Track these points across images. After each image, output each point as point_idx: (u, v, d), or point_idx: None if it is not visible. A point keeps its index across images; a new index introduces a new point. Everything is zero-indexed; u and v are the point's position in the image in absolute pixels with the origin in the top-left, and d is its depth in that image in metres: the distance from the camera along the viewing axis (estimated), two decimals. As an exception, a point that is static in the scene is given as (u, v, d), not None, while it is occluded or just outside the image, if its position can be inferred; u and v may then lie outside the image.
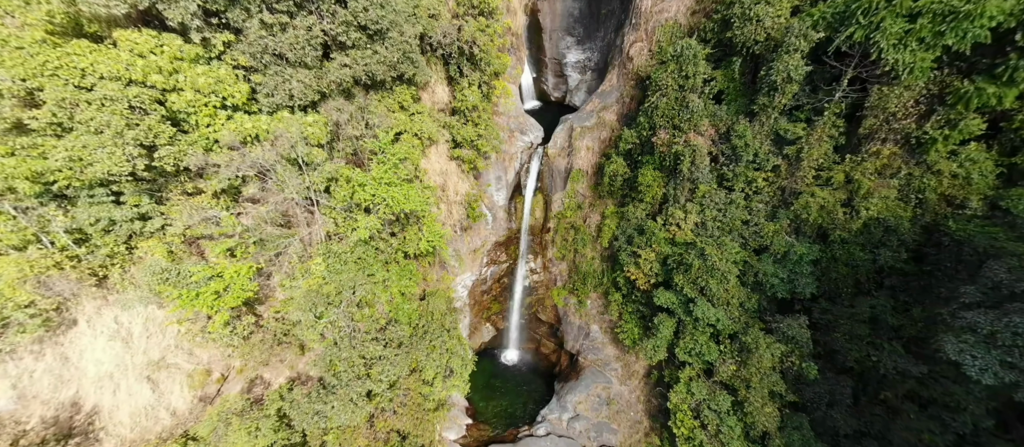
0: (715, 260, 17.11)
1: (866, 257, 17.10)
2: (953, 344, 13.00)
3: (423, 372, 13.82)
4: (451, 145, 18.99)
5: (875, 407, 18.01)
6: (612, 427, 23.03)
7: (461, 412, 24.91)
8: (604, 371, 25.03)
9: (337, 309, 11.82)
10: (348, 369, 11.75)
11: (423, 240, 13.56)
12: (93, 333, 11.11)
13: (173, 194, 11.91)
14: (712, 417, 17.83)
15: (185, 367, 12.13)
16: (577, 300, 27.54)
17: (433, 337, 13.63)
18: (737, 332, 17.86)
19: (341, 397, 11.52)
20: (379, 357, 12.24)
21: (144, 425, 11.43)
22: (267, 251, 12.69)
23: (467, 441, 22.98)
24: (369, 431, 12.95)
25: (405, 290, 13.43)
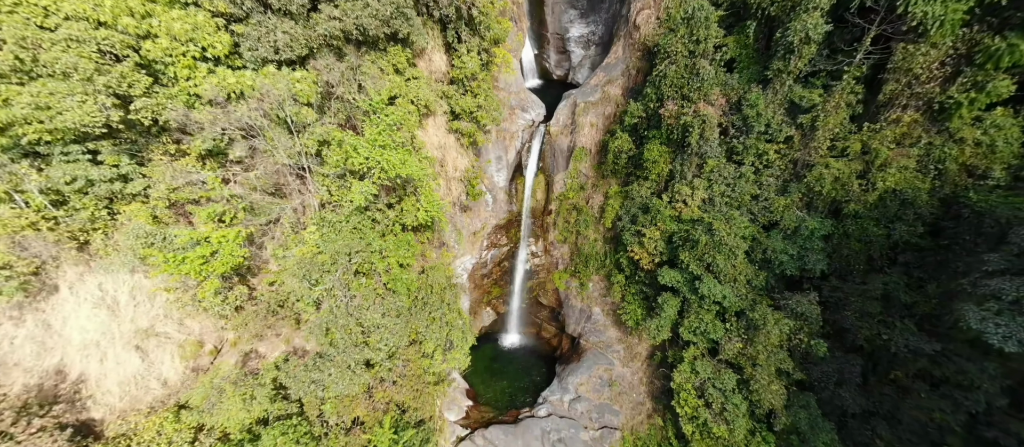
0: (723, 235, 16.56)
1: (880, 232, 16.52)
2: (975, 313, 12.51)
3: (423, 344, 13.46)
4: (449, 117, 18.29)
5: (884, 387, 17.66)
6: (614, 408, 22.85)
7: (461, 394, 24.77)
8: (606, 353, 24.76)
9: (332, 276, 11.38)
10: (345, 336, 11.36)
11: (421, 210, 13.04)
12: (76, 300, 10.73)
13: (155, 155, 11.36)
14: (717, 395, 17.53)
15: (176, 337, 11.78)
16: (579, 283, 27.14)
17: (433, 309, 13.23)
18: (744, 309, 17.42)
19: (338, 364, 11.17)
20: (377, 326, 11.85)
21: (134, 394, 11.12)
22: (257, 218, 12.20)
23: (467, 422, 22.85)
24: (368, 401, 12.66)
25: (403, 261, 12.99)
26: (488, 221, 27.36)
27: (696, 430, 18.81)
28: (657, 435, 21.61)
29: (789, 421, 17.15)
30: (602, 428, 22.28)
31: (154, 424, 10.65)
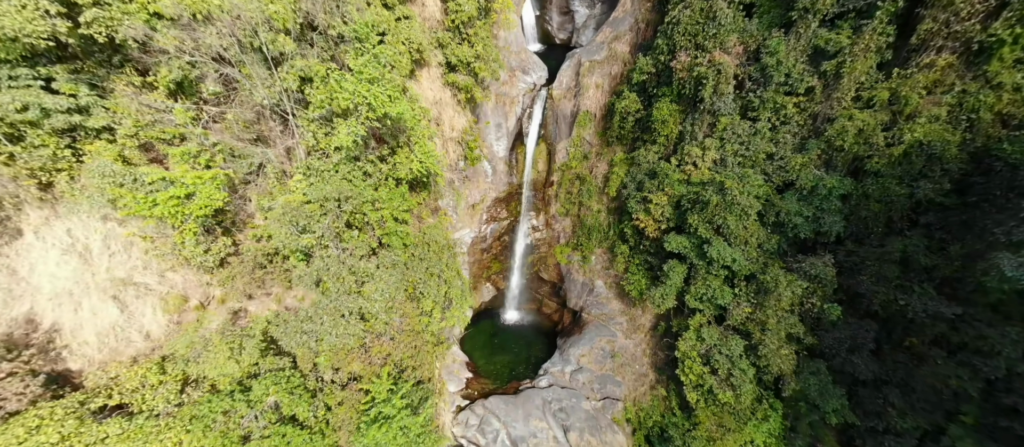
0: (735, 194, 15.64)
1: (902, 192, 15.58)
2: (1011, 261, 11.70)
3: (420, 302, 12.82)
4: (445, 69, 17.13)
5: (898, 354, 17.07)
6: (616, 379, 22.49)
7: (461, 367, 24.44)
8: (609, 325, 24.26)
9: (322, 225, 10.62)
10: (337, 284, 10.68)
11: (414, 161, 12.16)
12: (44, 246, 10.05)
13: (118, 85, 10.40)
14: (723, 362, 16.99)
15: (157, 289, 11.14)
16: (581, 256, 26.43)
17: (430, 265, 12.53)
18: (755, 273, 16.66)
19: (330, 311, 10.53)
20: (371, 275, 11.17)
21: (113, 346, 10.55)
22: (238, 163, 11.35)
23: (467, 393, 22.58)
24: (364, 356, 12.10)
25: (398, 214, 12.20)
26: (487, 193, 26.45)
27: (701, 398, 18.40)
28: (660, 406, 21.28)
29: (798, 387, 16.66)
30: (604, 399, 21.97)
31: (137, 374, 10.11)
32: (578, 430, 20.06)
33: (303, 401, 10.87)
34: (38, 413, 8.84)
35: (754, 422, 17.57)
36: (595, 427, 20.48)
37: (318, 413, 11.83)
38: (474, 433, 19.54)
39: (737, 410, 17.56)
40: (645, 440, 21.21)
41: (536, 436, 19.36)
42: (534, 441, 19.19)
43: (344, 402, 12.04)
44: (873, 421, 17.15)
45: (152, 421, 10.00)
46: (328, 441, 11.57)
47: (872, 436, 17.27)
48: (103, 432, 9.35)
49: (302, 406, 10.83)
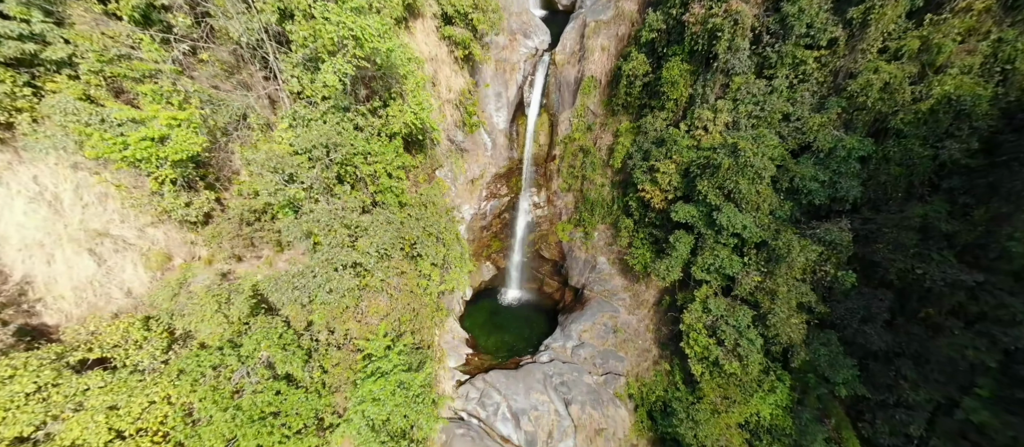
0: (749, 155, 14.76)
1: (926, 153, 14.69)
2: None
3: (418, 263, 12.17)
4: (440, 21, 16.07)
5: (913, 326, 16.46)
6: (619, 355, 22.05)
7: (461, 343, 24.05)
8: (611, 301, 23.71)
9: (310, 174, 9.87)
10: (329, 236, 9.99)
11: (408, 113, 11.29)
12: (8, 193, 9.39)
13: (76, 12, 9.49)
14: (730, 332, 16.41)
15: (137, 244, 10.50)
16: (583, 232, 25.72)
17: (428, 224, 11.82)
18: (766, 240, 15.91)
19: (323, 264, 9.86)
20: (365, 229, 10.46)
21: (92, 301, 9.97)
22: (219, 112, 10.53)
23: (468, 369, 22.21)
24: (359, 314, 11.52)
25: (391, 169, 11.42)
26: (487, 168, 25.58)
27: (705, 370, 17.92)
28: (663, 381, 20.86)
29: (807, 357, 16.11)
30: (606, 374, 21.57)
31: (118, 328, 9.56)
32: (580, 403, 19.71)
33: (297, 359, 10.31)
34: (11, 363, 8.33)
35: (760, 394, 17.11)
36: (597, 401, 20.12)
37: (314, 374, 11.33)
38: (474, 406, 19.22)
39: (743, 382, 17.09)
40: (647, 416, 20.88)
41: (537, 409, 19.02)
42: (535, 413, 18.85)
43: (340, 363, 11.53)
44: (884, 394, 16.67)
45: (137, 376, 9.49)
46: (325, 401, 11.09)
47: (882, 409, 16.82)
48: (83, 383, 8.86)
49: (296, 364, 10.27)
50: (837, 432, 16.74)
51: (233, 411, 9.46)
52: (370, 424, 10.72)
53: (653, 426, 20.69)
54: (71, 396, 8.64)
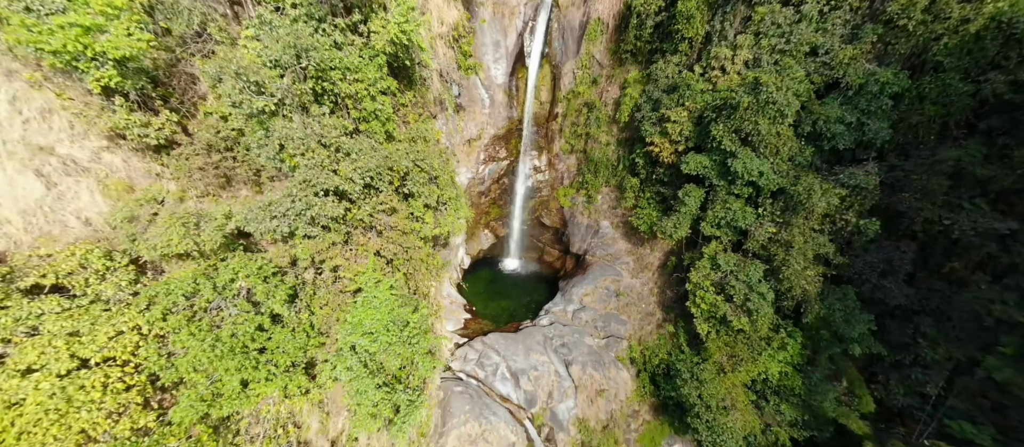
0: (772, 90, 13.43)
1: (966, 89, 13.30)
2: None
3: (410, 202, 11.13)
4: (432, -58, 14.47)
5: (935, 281, 15.49)
6: (621, 318, 21.32)
7: (459, 308, 23.38)
8: (614, 265, 22.84)
9: (281, 85, 8.72)
10: (306, 154, 8.92)
11: (391, 25, 10.01)
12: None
13: None
14: (739, 288, 15.50)
15: (93, 169, 9.49)
16: (586, 197, 24.60)
17: (418, 157, 10.71)
18: (783, 187, 14.74)
19: (301, 186, 8.81)
20: (347, 154, 9.39)
21: (44, 228, 9.05)
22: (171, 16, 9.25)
23: (466, 333, 21.58)
24: (348, 252, 10.58)
25: (374, 91, 10.19)
26: (485, 129, 24.23)
27: (712, 329, 17.13)
28: (667, 343, 20.16)
29: (821, 312, 15.19)
30: (608, 337, 20.88)
31: (75, 254, 8.66)
32: (581, 364, 19.09)
33: (281, 293, 9.43)
34: (-55, 282, 7.52)
35: (769, 352, 16.34)
36: (598, 362, 19.49)
37: (301, 316, 10.49)
38: (473, 367, 18.64)
39: (751, 339, 16.30)
40: (649, 381, 20.27)
41: (537, 369, 18.43)
42: (535, 373, 18.27)
43: (329, 304, 10.70)
44: (900, 354, 15.88)
45: (100, 305, 8.64)
46: (314, 342, 10.28)
47: (897, 369, 16.08)
48: (37, 308, 8.05)
49: (279, 299, 9.40)
50: (850, 391, 16.03)
51: (211, 341, 8.64)
52: (362, 360, 9.95)
53: (655, 391, 20.12)
54: (23, 319, 7.85)
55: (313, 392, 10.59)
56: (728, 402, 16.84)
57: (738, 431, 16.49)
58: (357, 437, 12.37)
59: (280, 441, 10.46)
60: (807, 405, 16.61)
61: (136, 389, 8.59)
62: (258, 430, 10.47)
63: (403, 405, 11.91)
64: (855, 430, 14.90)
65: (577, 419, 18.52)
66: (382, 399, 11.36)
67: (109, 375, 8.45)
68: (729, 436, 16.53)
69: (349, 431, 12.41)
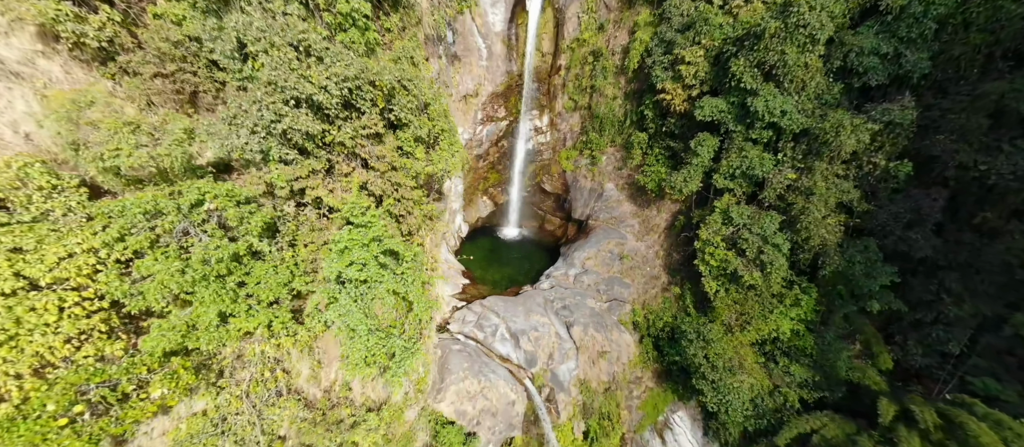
0: (804, 11, 12.01)
1: (1018, 11, 11.85)
2: None
3: (398, 133, 9.98)
4: None
5: (965, 233, 14.45)
6: (625, 282, 20.51)
7: (457, 274, 22.56)
8: (618, 228, 21.87)
9: None
10: (270, 52, 7.70)
11: None
12: None
13: None
14: (753, 241, 14.53)
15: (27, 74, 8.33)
16: (590, 158, 23.37)
17: (405, 76, 9.49)
18: (808, 128, 13.51)
19: (268, 91, 7.64)
20: (319, 58, 8.15)
21: (-26, 140, 7.99)
22: None
23: (464, 297, 20.83)
24: (331, 183, 9.52)
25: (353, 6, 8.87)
26: (483, 84, 22.76)
27: (721, 287, 16.29)
28: (672, 307, 19.40)
29: (840, 265, 14.22)
30: (611, 300, 20.13)
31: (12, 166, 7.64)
32: (582, 325, 18.39)
33: (257, 220, 8.44)
34: None
35: (781, 309, 15.52)
36: (600, 324, 18.80)
37: (284, 255, 9.55)
38: (471, 328, 17.95)
39: (763, 296, 15.45)
40: (653, 346, 19.59)
41: (537, 330, 17.73)
42: (535, 334, 17.58)
43: (313, 242, 9.75)
44: (921, 312, 15.03)
45: (47, 223, 7.69)
46: (300, 281, 9.38)
47: (916, 329, 15.26)
48: (-34, 221, 7.13)
49: (255, 225, 8.41)
50: (866, 351, 15.26)
51: (180, 266, 7.72)
52: (352, 296, 9.08)
53: (659, 357, 19.48)
54: (-49, 232, 6.93)
55: (301, 334, 9.80)
56: (735, 362, 16.16)
57: (745, 392, 15.86)
58: (351, 386, 11.70)
59: (268, 384, 9.77)
60: (819, 365, 15.91)
61: (99, 316, 7.76)
62: (244, 374, 9.76)
63: (398, 351, 11.14)
64: (871, 385, 14.19)
65: (578, 380, 17.96)
66: (376, 344, 10.59)
67: (65, 299, 7.59)
68: (735, 396, 15.92)
69: (342, 379, 11.74)
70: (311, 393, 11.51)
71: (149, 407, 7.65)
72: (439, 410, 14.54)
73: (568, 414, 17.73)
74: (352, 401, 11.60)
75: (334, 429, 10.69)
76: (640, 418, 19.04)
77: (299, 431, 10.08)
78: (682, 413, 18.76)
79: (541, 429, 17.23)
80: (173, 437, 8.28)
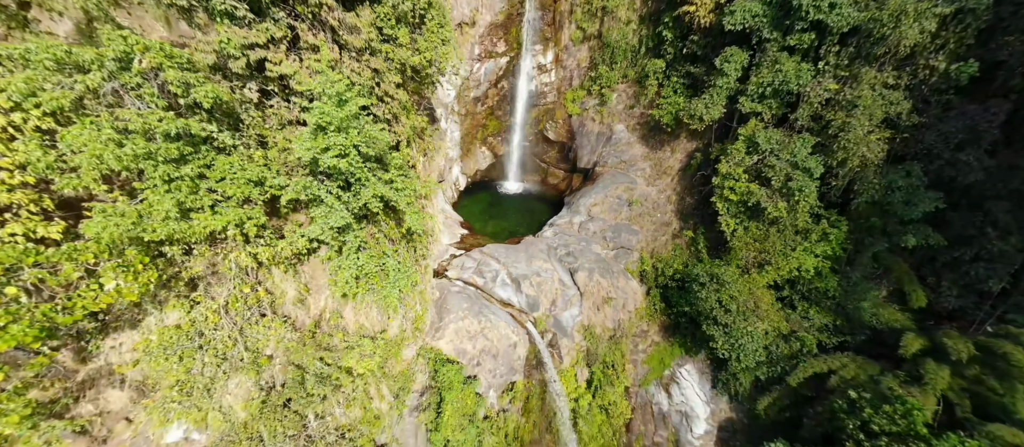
0: None
1: None
2: None
3: (375, 8, 8.51)
4: None
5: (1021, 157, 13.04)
6: (633, 229, 19.52)
7: (455, 224, 21.69)
8: (628, 173, 20.62)
9: None
10: None
11: None
12: None
13: None
14: (780, 167, 13.28)
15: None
16: (599, 98, 21.72)
17: None
18: (858, 24, 11.82)
19: None
20: None
21: None
22: None
23: (462, 246, 20.03)
24: (294, 58, 8.26)
25: None
26: (481, 11, 20.82)
27: (739, 225, 15.24)
28: (683, 254, 18.49)
29: (878, 192, 12.98)
30: (618, 248, 19.23)
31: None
32: (587, 270, 17.62)
33: (206, 91, 7.24)
34: None
35: (805, 246, 14.47)
36: (606, 270, 18.01)
37: (253, 153, 8.49)
38: (471, 275, 17.22)
39: (786, 231, 14.38)
40: (660, 298, 18.85)
41: (540, 275, 16.99)
42: (537, 279, 16.86)
43: (284, 140, 8.66)
44: (960, 249, 13.88)
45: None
46: (272, 182, 8.29)
47: (953, 268, 14.19)
48: None
49: (205, 95, 7.26)
50: (897, 289, 14.30)
51: (117, 137, 6.67)
52: (335, 194, 8.04)
53: (666, 309, 18.79)
54: None
55: (282, 247, 8.91)
56: (751, 304, 15.37)
57: (759, 337, 15.16)
58: (342, 314, 11.07)
59: (248, 301, 9.10)
60: (841, 309, 15.09)
61: (25, 193, 6.72)
62: (221, 291, 9.06)
63: (392, 270, 10.32)
64: (896, 324, 13.38)
65: (582, 326, 17.43)
66: (367, 260, 9.75)
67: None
68: (749, 340, 15.24)
69: (333, 308, 11.10)
70: (299, 319, 10.92)
71: (104, 297, 6.94)
72: (438, 347, 14.08)
73: (571, 360, 17.35)
74: (345, 329, 11.03)
75: (325, 353, 10.15)
76: (645, 373, 18.68)
77: (287, 350, 9.56)
78: (689, 366, 18.31)
79: (543, 374, 16.90)
80: (143, 346, 7.69)
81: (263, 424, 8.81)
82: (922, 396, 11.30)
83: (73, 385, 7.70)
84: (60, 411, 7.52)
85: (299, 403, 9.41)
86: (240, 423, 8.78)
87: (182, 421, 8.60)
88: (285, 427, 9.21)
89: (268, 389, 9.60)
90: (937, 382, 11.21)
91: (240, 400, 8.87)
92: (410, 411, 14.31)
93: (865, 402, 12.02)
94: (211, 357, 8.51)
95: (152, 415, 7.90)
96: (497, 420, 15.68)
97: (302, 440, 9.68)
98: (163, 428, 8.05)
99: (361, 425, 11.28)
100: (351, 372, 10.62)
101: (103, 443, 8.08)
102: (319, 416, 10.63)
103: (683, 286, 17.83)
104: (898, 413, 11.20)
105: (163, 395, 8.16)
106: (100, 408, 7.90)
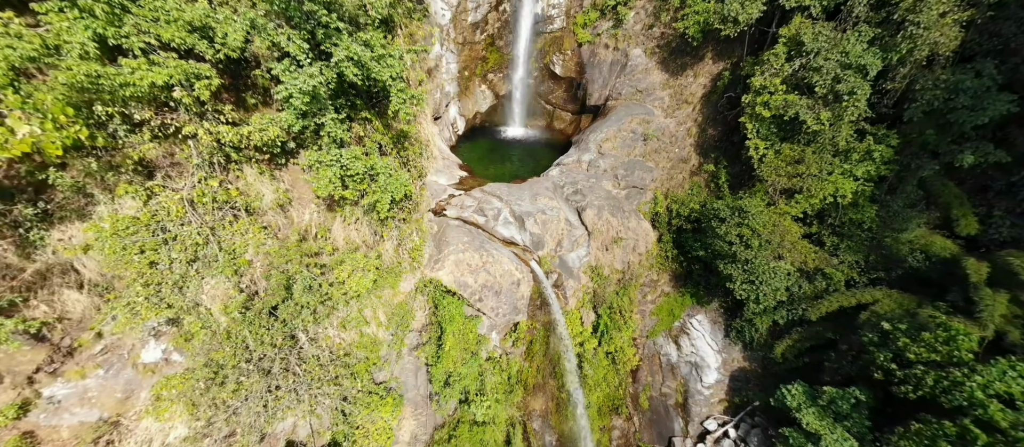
0: None
1: None
2: None
3: None
4: None
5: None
6: (648, 166, 18.30)
7: (453, 165, 20.65)
8: (644, 103, 19.04)
9: None
10: None
11: None
12: None
13: None
14: (828, 68, 11.72)
15: None
16: (614, 17, 19.62)
17: None
18: None
19: None
20: None
21: None
22: None
23: (462, 187, 19.11)
24: None
25: None
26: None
27: (770, 147, 13.91)
28: (701, 192, 17.36)
29: (939, 97, 11.46)
30: (629, 188, 18.14)
31: None
32: (596, 208, 16.70)
33: None
34: None
35: (844, 168, 13.20)
36: (617, 209, 17.08)
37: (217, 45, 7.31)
38: (471, 214, 16.39)
39: (824, 150, 13.04)
40: (673, 244, 17.95)
41: (545, 212, 16.13)
42: (542, 217, 16.02)
43: None
44: (1019, 172, 12.48)
45: None
46: (222, 28, 6.96)
47: (1010, 194, 12.87)
48: None
49: None
50: (944, 213, 13.11)
51: None
52: (298, 44, 6.84)
53: (678, 256, 17.94)
54: None
55: (249, 131, 7.88)
56: (776, 237, 14.42)
57: (781, 277, 14.31)
58: (330, 229, 10.39)
59: (218, 197, 8.30)
60: (875, 243, 14.06)
61: None
62: (183, 183, 8.22)
63: (381, 172, 9.41)
64: (946, 253, 12.35)
65: (589, 266, 16.81)
66: (351, 159, 8.84)
67: None
68: (770, 277, 14.45)
69: (320, 222, 10.40)
70: (281, 231, 10.16)
71: (16, 144, 5.92)
72: (438, 278, 13.62)
73: (577, 301, 16.92)
74: (334, 243, 10.41)
75: (313, 260, 9.49)
76: (653, 324, 18.25)
77: (268, 255, 8.98)
78: (701, 317, 17.78)
79: (548, 315, 16.56)
80: (93, 230, 7.04)
81: (247, 329, 8.43)
82: (971, 326, 10.53)
83: (20, 283, 7.20)
84: (8, 310, 7.07)
85: (286, 311, 8.97)
86: (223, 331, 8.41)
87: (157, 323, 8.10)
88: (272, 336, 8.85)
89: (251, 293, 9.14)
90: (994, 310, 10.37)
91: (218, 302, 8.43)
92: (409, 349, 14.13)
93: (900, 332, 11.34)
94: (179, 252, 7.90)
95: (117, 311, 7.45)
96: (500, 361, 15.56)
97: (294, 356, 9.39)
98: (131, 327, 7.63)
99: (358, 349, 11.03)
100: (343, 286, 10.10)
101: (69, 355, 7.77)
102: (312, 339, 10.32)
103: (699, 227, 16.89)
104: (939, 340, 10.52)
105: (128, 288, 7.67)
106: (58, 311, 7.46)
